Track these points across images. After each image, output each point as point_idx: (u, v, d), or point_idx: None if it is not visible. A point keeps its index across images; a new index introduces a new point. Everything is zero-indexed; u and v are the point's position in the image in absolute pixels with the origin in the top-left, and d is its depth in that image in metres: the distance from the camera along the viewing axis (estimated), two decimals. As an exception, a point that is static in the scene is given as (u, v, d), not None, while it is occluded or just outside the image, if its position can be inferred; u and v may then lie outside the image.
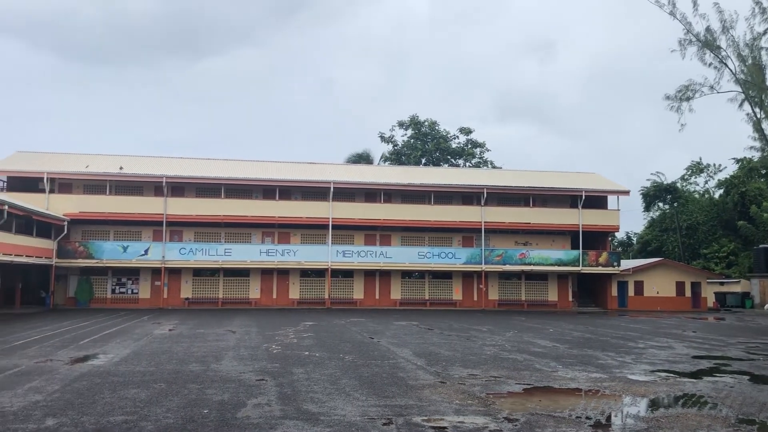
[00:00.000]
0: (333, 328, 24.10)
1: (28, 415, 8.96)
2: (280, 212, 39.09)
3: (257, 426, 8.49)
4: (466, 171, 53.12)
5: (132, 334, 20.93)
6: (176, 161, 43.28)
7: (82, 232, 38.69)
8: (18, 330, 22.15)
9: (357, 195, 41.74)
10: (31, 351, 16.22)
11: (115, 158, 41.62)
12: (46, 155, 41.69)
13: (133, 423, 8.54)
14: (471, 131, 63.10)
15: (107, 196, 38.28)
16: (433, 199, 41.14)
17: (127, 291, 39.13)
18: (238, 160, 45.60)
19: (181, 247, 38.10)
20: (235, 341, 19.13)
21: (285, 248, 38.93)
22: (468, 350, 17.52)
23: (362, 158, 61.09)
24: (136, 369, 13.35)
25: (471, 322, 28.39)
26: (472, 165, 61.81)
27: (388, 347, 17.93)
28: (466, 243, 42.42)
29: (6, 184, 38.65)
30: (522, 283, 42.95)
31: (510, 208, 42.25)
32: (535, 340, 20.88)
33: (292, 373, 13.03)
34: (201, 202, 39.02)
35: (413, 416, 9.22)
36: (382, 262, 39.50)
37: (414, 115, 63.05)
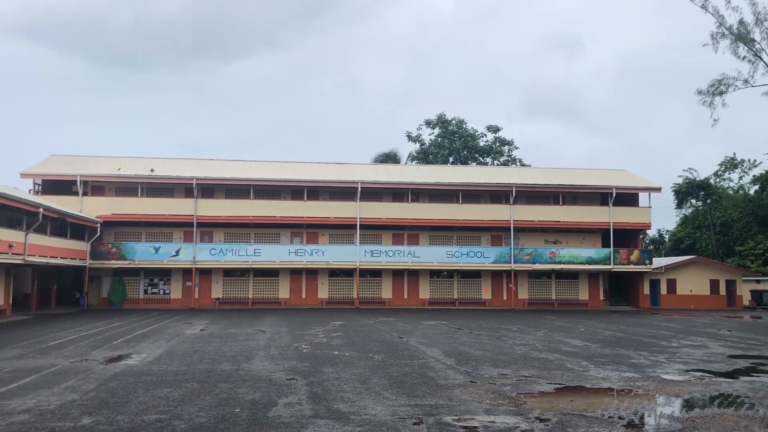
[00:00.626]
0: (362, 328, 24.15)
1: (65, 413, 9.13)
2: (308, 212, 39.28)
3: (288, 425, 8.54)
4: (494, 169, 52.78)
5: (164, 334, 21.20)
6: (206, 163, 43.76)
7: (115, 234, 39.32)
8: (54, 330, 22.60)
9: (384, 195, 41.76)
10: (67, 351, 16.53)
11: (146, 161, 42.24)
12: (79, 158, 42.46)
13: (166, 422, 8.65)
14: (499, 129, 62.74)
15: (139, 198, 38.86)
16: (461, 198, 40.96)
17: (159, 291, 39.67)
18: (267, 161, 45.95)
19: (212, 247, 38.51)
20: (265, 341, 19.27)
21: (313, 248, 39.11)
22: (498, 350, 17.42)
23: (389, 158, 61.07)
24: (168, 368, 13.52)
25: (501, 322, 28.22)
26: (500, 163, 61.39)
27: (417, 347, 17.90)
28: (494, 242, 42.16)
29: (41, 187, 39.49)
30: (552, 281, 42.56)
31: (539, 206, 41.89)
32: (566, 339, 20.68)
33: (322, 372, 13.08)
34: (230, 203, 39.40)
35: (443, 416, 9.20)
36: (410, 262, 39.45)
37: (441, 114, 62.90)
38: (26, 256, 28.29)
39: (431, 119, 63.06)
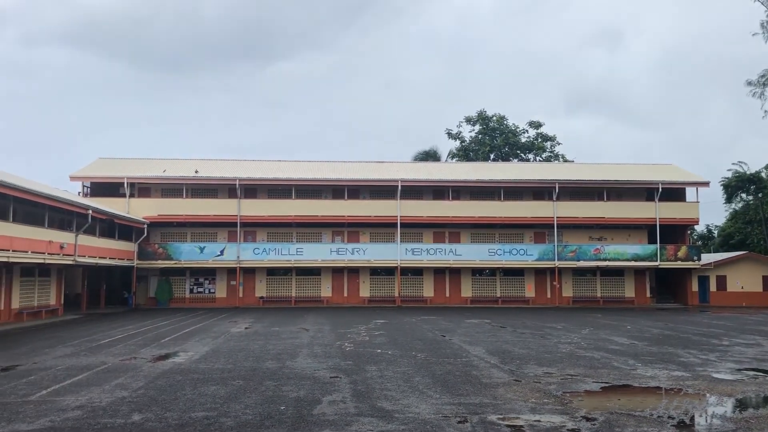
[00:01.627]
0: (404, 326, 24.15)
1: (116, 410, 9.36)
2: (349, 211, 39.43)
3: (333, 423, 8.59)
4: (536, 165, 52.13)
5: (210, 333, 21.56)
6: (248, 164, 44.34)
7: (161, 234, 40.13)
8: (103, 329, 23.19)
9: (425, 193, 41.65)
10: (117, 349, 16.95)
11: (190, 162, 43.00)
12: (126, 161, 43.47)
13: (213, 419, 8.80)
14: (541, 125, 61.87)
15: (184, 199, 39.58)
16: (503, 195, 40.58)
17: (205, 291, 40.35)
18: (308, 161, 46.32)
19: (255, 247, 38.98)
20: (308, 339, 19.43)
21: (354, 247, 39.25)
22: (542, 348, 17.22)
23: (429, 156, 60.85)
24: (214, 366, 13.74)
25: (545, 320, 27.89)
26: (542, 159, 60.58)
27: (460, 345, 17.82)
28: (538, 239, 41.67)
29: (89, 189, 40.57)
30: (597, 279, 41.85)
31: (583, 202, 41.21)
32: (612, 337, 20.32)
33: (366, 370, 13.13)
34: (273, 203, 39.83)
35: (488, 414, 9.13)
36: (452, 260, 39.26)
37: (481, 110, 62.32)
38: (77, 257, 29.09)
39: (472, 116, 62.56)
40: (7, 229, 23.63)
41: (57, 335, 21.02)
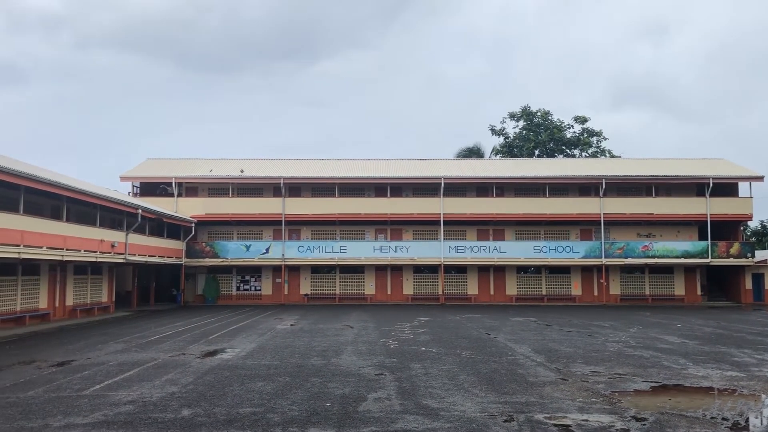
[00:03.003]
0: (448, 324, 24.06)
1: (166, 405, 9.57)
2: (391, 209, 39.47)
3: (378, 420, 8.61)
4: (582, 161, 51.24)
5: (256, 330, 21.86)
6: (292, 162, 44.82)
7: (208, 233, 40.86)
8: (153, 326, 23.74)
9: (468, 190, 41.41)
10: (166, 345, 17.33)
11: (236, 162, 43.68)
12: (174, 161, 44.45)
13: (260, 415, 8.91)
14: (586, 120, 60.78)
15: (230, 198, 40.21)
16: (548, 192, 40.04)
17: (251, 288, 40.93)
18: (350, 160, 46.57)
19: (299, 245, 39.36)
20: (353, 336, 19.52)
21: (397, 244, 39.26)
22: (590, 347, 16.94)
23: (473, 152, 60.43)
24: (261, 363, 13.92)
25: (592, 318, 27.44)
26: (588, 155, 59.55)
27: (505, 343, 17.67)
28: (584, 236, 40.99)
29: (139, 189, 41.58)
30: (646, 276, 40.95)
31: (631, 198, 40.38)
32: (661, 336, 19.87)
33: (410, 368, 13.12)
34: (316, 201, 40.15)
35: (535, 413, 9.03)
36: (496, 258, 38.93)
37: (525, 106, 61.57)
38: (127, 255, 29.84)
39: (515, 112, 61.91)
40: (61, 229, 24.38)
41: (109, 331, 21.61)
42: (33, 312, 25.22)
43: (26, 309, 24.95)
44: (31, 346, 17.50)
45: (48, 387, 11.08)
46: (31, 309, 25.31)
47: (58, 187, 23.19)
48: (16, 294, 24.48)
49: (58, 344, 17.94)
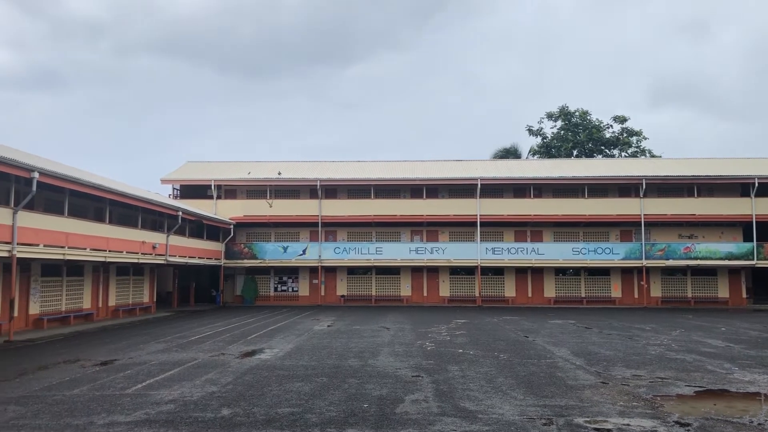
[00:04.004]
0: (486, 326, 23.90)
1: (206, 404, 9.70)
2: (427, 210, 39.37)
3: (416, 422, 8.60)
4: (621, 161, 50.40)
5: (294, 330, 22.02)
6: (328, 165, 45.14)
7: (247, 234, 41.34)
8: (194, 326, 24.11)
9: (505, 191, 41.07)
10: (206, 345, 17.58)
11: (273, 164, 44.14)
12: (213, 164, 45.19)
13: (299, 415, 8.97)
14: (626, 119, 59.75)
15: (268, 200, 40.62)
16: (586, 192, 39.48)
17: (288, 289, 41.27)
18: (386, 161, 46.67)
19: (336, 246, 39.54)
20: (389, 338, 19.53)
21: (434, 246, 39.15)
22: (630, 350, 16.65)
23: (509, 153, 59.92)
24: (299, 363, 14.03)
25: (632, 321, 26.96)
26: (628, 155, 58.56)
27: (544, 346, 17.48)
28: (624, 237, 40.31)
29: (179, 192, 42.31)
30: (688, 278, 40.06)
31: (672, 198, 39.55)
32: (705, 339, 19.41)
33: (447, 370, 13.07)
34: (352, 203, 40.28)
35: (574, 417, 8.92)
36: (534, 259, 38.51)
37: (563, 106, 60.85)
38: (168, 257, 30.37)
39: (553, 112, 61.22)
40: (104, 231, 24.94)
41: (150, 331, 22.01)
42: (77, 312, 25.85)
43: (71, 309, 25.59)
44: (75, 346, 17.93)
45: (92, 385, 11.34)
46: (76, 309, 25.95)
47: (101, 190, 23.73)
48: (61, 294, 25.13)
49: (101, 344, 18.35)
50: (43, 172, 19.39)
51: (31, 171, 18.78)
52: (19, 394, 10.56)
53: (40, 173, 19.14)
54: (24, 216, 19.43)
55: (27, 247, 19.70)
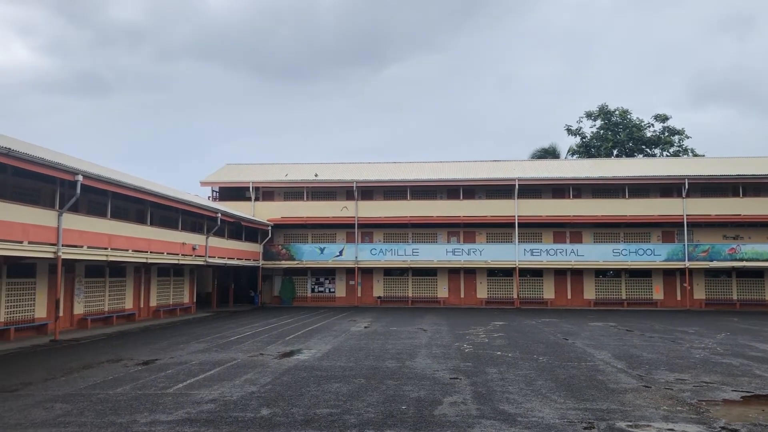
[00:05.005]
0: (524, 329, 23.65)
1: (245, 404, 9.79)
2: (464, 211, 39.16)
3: (454, 424, 8.53)
4: (663, 160, 49.39)
5: (331, 331, 22.11)
6: (364, 166, 45.26)
7: (284, 236, 41.69)
8: (233, 326, 24.38)
9: (544, 191, 40.61)
10: (245, 346, 17.76)
11: (310, 166, 44.45)
12: (251, 166, 45.74)
13: (337, 416, 8.99)
14: (667, 118, 58.57)
15: (304, 201, 40.94)
16: (627, 193, 38.79)
17: (325, 290, 41.49)
18: (422, 162, 46.58)
19: (372, 247, 39.59)
20: (426, 339, 19.46)
21: (471, 247, 38.90)
22: (673, 353, 16.28)
23: (548, 153, 59.20)
24: (336, 364, 14.06)
25: (675, 323, 26.38)
26: (669, 154, 57.40)
27: (584, 349, 17.21)
28: (666, 238, 39.48)
29: (218, 194, 42.91)
30: (733, 280, 39.03)
31: (716, 198, 38.56)
32: (752, 343, 18.87)
33: (486, 372, 12.96)
34: (388, 204, 40.28)
35: (616, 421, 8.75)
36: (573, 261, 37.97)
37: (603, 105, 59.91)
38: (207, 258, 30.80)
39: (592, 111, 60.34)
40: (146, 232, 25.41)
41: (190, 332, 22.34)
42: (120, 312, 26.39)
43: (113, 309, 26.13)
44: (117, 345, 18.29)
45: (134, 384, 11.55)
46: (118, 309, 26.48)
47: (142, 192, 24.17)
48: (104, 295, 25.69)
49: (143, 343, 18.68)
50: (87, 175, 19.84)
51: (75, 174, 19.24)
52: (66, 392, 10.81)
53: (84, 176, 19.59)
54: (68, 218, 19.91)
55: (72, 248, 20.18)
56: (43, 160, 17.85)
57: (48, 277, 21.69)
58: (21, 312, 20.67)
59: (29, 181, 21.02)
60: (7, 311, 20.02)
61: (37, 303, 21.40)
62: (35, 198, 21.40)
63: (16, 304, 20.49)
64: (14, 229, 17.33)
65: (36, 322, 21.09)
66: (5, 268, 19.86)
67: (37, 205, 19.92)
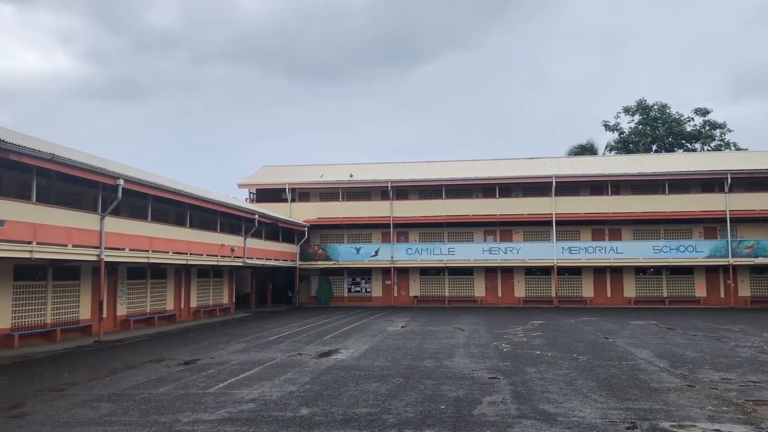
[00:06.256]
0: (563, 327, 23.38)
1: (285, 404, 9.88)
2: (500, 210, 38.86)
3: (494, 424, 8.48)
4: (704, 155, 48.28)
5: (368, 331, 22.17)
6: (399, 166, 45.28)
7: (320, 236, 41.96)
8: (271, 326, 24.63)
9: (581, 188, 40.06)
10: (283, 345, 17.92)
11: (345, 167, 44.66)
12: (286, 168, 46.15)
13: (376, 415, 9.01)
14: (708, 111, 57.21)
15: (340, 202, 41.12)
16: (667, 188, 38.03)
17: (362, 290, 41.63)
18: (457, 161, 46.41)
19: (408, 247, 39.59)
20: (464, 339, 19.38)
21: (507, 246, 38.59)
22: (718, 352, 15.92)
23: (585, 149, 58.39)
24: (374, 364, 14.10)
25: (719, 321, 25.78)
26: (711, 148, 56.09)
27: (625, 347, 16.94)
28: (708, 234, 38.61)
29: (255, 195, 43.42)
30: (779, 277, 38.00)
31: (761, 193, 37.44)
32: (800, 341, 18.34)
33: (525, 372, 12.85)
34: (424, 203, 40.22)
35: (659, 421, 8.59)
36: (613, 258, 37.38)
37: (641, 99, 58.84)
38: (246, 259, 31.17)
39: (630, 106, 59.33)
40: (185, 234, 25.82)
41: (230, 332, 22.63)
42: (161, 313, 26.87)
43: (155, 310, 26.63)
44: (159, 346, 18.63)
45: (176, 384, 11.75)
46: (160, 310, 26.98)
47: (182, 195, 24.58)
48: (146, 296, 26.19)
49: (184, 344, 18.99)
50: (128, 179, 20.25)
51: (116, 178, 19.66)
52: (111, 392, 11.05)
53: (125, 180, 20.00)
54: (110, 221, 20.35)
55: (114, 251, 20.63)
56: (85, 165, 18.30)
57: (92, 279, 22.21)
58: (67, 313, 21.21)
59: (72, 186, 21.54)
60: (53, 313, 20.56)
61: (81, 305, 21.93)
62: (78, 202, 21.91)
63: (62, 305, 21.03)
64: (59, 233, 17.79)
65: (81, 324, 21.62)
66: (51, 271, 20.40)
67: (80, 209, 20.41)
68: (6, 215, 15.57)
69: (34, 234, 16.72)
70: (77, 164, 17.94)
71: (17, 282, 19.14)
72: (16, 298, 19.08)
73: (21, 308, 19.28)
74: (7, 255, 16.12)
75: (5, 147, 15.06)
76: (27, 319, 19.46)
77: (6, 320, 18.62)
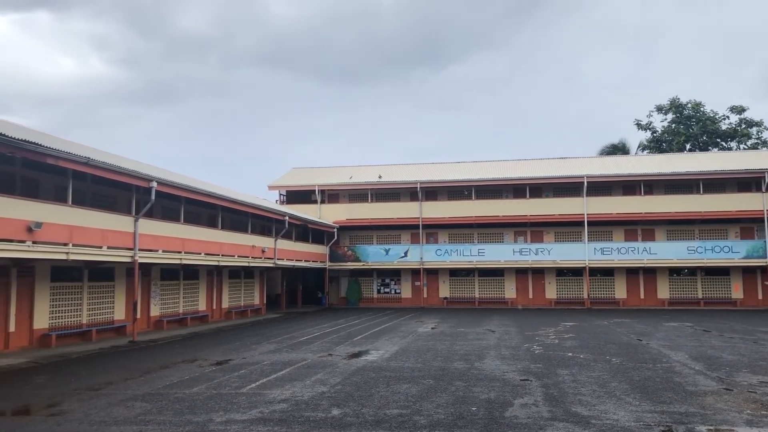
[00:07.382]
0: (595, 329, 23.10)
1: (316, 404, 9.93)
2: (531, 210, 38.53)
3: (526, 426, 8.41)
4: (739, 154, 47.29)
5: (398, 332, 22.16)
6: (428, 167, 45.20)
7: (350, 237, 42.07)
8: (301, 327, 24.77)
9: (614, 188, 39.52)
10: (314, 346, 18.01)
11: (374, 168, 44.72)
12: (316, 170, 46.37)
13: (407, 417, 9.00)
14: (744, 109, 56.02)
15: (369, 203, 41.19)
16: (702, 188, 37.33)
17: (391, 291, 41.64)
18: (486, 161, 46.16)
19: (437, 248, 39.48)
20: (495, 340, 19.27)
21: (538, 247, 38.25)
22: (756, 354, 15.57)
23: (617, 149, 57.66)
24: (405, 365, 14.09)
25: (757, 324, 25.21)
26: (747, 147, 54.91)
27: (659, 350, 16.67)
28: (744, 235, 37.78)
29: (285, 197, 43.73)
30: (819, 278, 37.04)
31: (799, 192, 36.66)
32: (842, 344, 17.84)
33: (557, 374, 12.72)
34: (453, 204, 40.08)
35: (696, 425, 8.44)
36: (646, 259, 36.80)
37: (674, 98, 57.91)
38: (276, 260, 31.40)
39: (663, 104, 58.40)
40: (217, 236, 26.11)
41: (261, 332, 22.82)
42: (193, 314, 27.21)
43: (187, 311, 26.97)
44: (192, 346, 18.86)
45: (209, 384, 11.88)
46: (192, 311, 27.31)
47: (214, 198, 24.87)
48: (179, 297, 26.54)
49: (216, 344, 19.19)
50: (161, 181, 20.55)
51: (149, 181, 19.97)
52: (145, 392, 11.22)
53: (158, 183, 20.30)
54: (144, 223, 20.66)
55: (147, 252, 20.94)
56: (119, 167, 18.62)
57: (126, 281, 22.57)
58: (102, 314, 21.61)
59: (106, 188, 21.93)
60: (89, 313, 20.96)
61: (116, 305, 22.32)
62: (112, 204, 22.30)
63: (97, 306, 21.43)
64: (94, 235, 18.12)
65: (115, 324, 22.00)
66: (87, 273, 20.80)
67: (114, 211, 20.78)
68: (43, 218, 15.91)
69: (70, 236, 17.06)
70: (111, 167, 18.26)
71: (54, 283, 19.56)
72: (53, 299, 19.51)
73: (58, 309, 19.70)
74: (44, 257, 16.49)
75: (42, 151, 15.41)
76: (64, 319, 19.88)
77: (44, 320, 19.04)
